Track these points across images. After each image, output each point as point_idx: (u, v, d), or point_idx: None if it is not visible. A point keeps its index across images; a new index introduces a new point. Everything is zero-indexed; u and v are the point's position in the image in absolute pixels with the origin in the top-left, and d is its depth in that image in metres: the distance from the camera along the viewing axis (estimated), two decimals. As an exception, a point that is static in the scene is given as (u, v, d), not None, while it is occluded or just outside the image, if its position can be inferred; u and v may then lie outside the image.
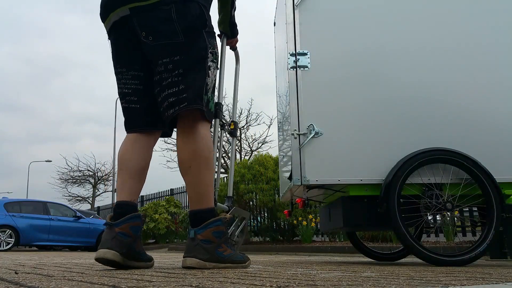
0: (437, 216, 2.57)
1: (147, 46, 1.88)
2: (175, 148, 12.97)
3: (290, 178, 2.73)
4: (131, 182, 1.91)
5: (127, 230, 1.79)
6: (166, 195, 15.02)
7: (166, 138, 13.02)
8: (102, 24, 2.04)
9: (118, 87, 2.03)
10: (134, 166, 1.93)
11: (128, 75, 1.97)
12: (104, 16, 1.97)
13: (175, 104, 1.83)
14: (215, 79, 2.00)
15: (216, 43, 2.01)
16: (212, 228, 1.84)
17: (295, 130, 2.65)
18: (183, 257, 1.83)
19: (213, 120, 2.14)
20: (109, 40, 2.03)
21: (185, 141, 1.87)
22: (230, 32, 2.39)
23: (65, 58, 61.18)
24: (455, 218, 2.66)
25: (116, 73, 2.02)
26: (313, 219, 7.78)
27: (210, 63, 1.92)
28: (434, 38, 2.81)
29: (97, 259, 1.75)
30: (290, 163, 2.74)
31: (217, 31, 2.27)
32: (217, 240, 1.84)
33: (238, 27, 2.42)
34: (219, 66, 2.11)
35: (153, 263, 2.00)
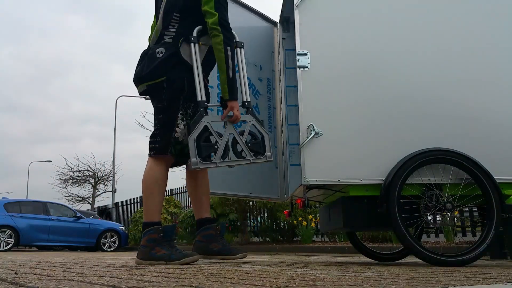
0: (437, 216, 2.56)
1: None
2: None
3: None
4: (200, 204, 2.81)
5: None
6: (166, 195, 15.01)
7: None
8: None
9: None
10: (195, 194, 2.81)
11: None
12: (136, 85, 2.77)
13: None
14: (183, 132, 2.58)
15: (191, 103, 2.59)
16: (146, 236, 2.50)
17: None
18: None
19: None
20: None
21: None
22: (229, 95, 2.60)
23: (66, 59, 61.21)
24: (455, 218, 2.66)
25: None
26: (313, 219, 7.78)
27: (179, 121, 2.57)
28: (434, 38, 2.81)
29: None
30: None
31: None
32: (150, 245, 2.46)
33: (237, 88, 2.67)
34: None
35: (238, 256, 2.79)
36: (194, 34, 2.60)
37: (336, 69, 2.75)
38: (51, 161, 32.05)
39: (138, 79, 2.66)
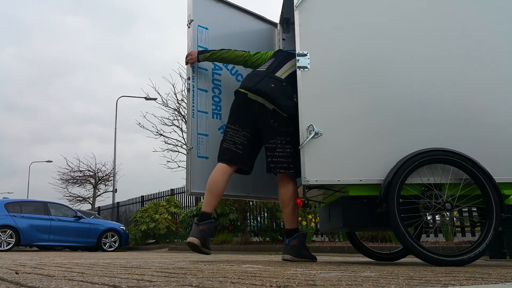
0: (437, 216, 2.57)
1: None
2: (175, 149, 13.00)
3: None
4: (214, 201, 2.97)
5: (206, 229, 2.89)
6: (167, 195, 15.02)
7: (166, 139, 13.09)
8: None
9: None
10: (218, 189, 2.98)
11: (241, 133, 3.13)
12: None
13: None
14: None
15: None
16: (298, 239, 3.02)
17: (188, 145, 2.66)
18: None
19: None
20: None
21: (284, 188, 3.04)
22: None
23: (67, 59, 61.28)
24: (454, 218, 2.66)
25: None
26: (313, 219, 7.78)
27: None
28: (434, 39, 2.82)
29: (187, 243, 2.87)
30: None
31: None
32: (299, 246, 3.02)
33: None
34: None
35: (210, 253, 2.99)
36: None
37: (336, 70, 2.76)
38: (51, 161, 32.10)
39: (269, 97, 2.96)
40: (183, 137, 12.86)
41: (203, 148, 3.38)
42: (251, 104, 3.01)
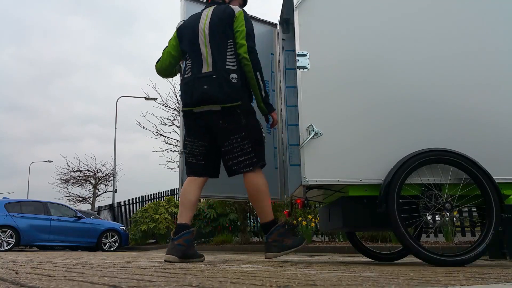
0: (436, 216, 2.57)
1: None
2: (175, 149, 13.01)
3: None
4: (187, 212, 2.89)
5: (182, 242, 2.77)
6: (167, 195, 15.02)
7: (166, 139, 13.11)
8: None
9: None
10: (191, 200, 2.90)
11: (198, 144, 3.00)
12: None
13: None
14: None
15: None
16: (276, 232, 2.87)
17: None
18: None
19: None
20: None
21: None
22: (266, 110, 3.06)
23: (68, 59, 61.31)
24: (454, 218, 2.66)
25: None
26: (313, 219, 7.78)
27: (264, 134, 3.01)
28: (434, 40, 2.82)
29: (165, 261, 2.76)
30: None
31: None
32: (280, 239, 2.86)
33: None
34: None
35: (204, 259, 2.95)
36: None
37: (336, 70, 2.76)
38: (51, 161, 32.10)
39: (211, 99, 2.81)
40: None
41: None
42: (200, 116, 2.89)
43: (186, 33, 3.03)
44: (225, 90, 2.79)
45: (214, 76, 2.82)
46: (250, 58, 2.88)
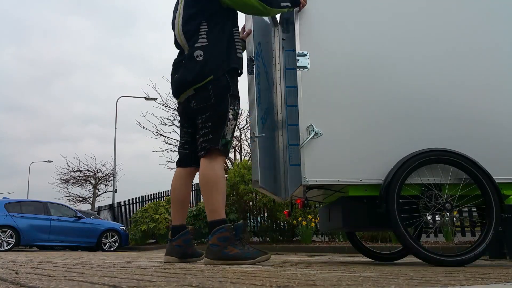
0: (436, 216, 2.57)
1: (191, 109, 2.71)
2: (175, 149, 12.97)
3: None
4: (179, 213, 2.82)
5: (180, 242, 2.74)
6: (167, 195, 15.01)
7: (166, 139, 13.08)
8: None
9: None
10: (179, 199, 2.82)
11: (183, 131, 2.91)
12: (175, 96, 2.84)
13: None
14: (231, 128, 2.70)
15: (235, 101, 2.71)
16: (217, 234, 2.45)
17: (253, 133, 2.75)
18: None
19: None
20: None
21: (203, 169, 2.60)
22: (293, 3, 2.77)
23: (68, 59, 61.33)
24: (454, 218, 2.66)
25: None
26: (313, 219, 7.78)
27: (230, 116, 2.65)
28: (434, 39, 2.82)
29: (164, 262, 2.69)
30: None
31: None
32: (222, 244, 2.42)
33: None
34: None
35: (203, 256, 2.61)
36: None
37: (336, 70, 2.76)
38: (51, 161, 32.09)
39: (182, 85, 2.68)
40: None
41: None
42: (182, 103, 2.79)
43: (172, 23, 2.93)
44: (191, 72, 2.62)
45: (183, 62, 2.71)
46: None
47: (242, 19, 3.05)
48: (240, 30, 2.98)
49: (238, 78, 2.82)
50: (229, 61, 2.67)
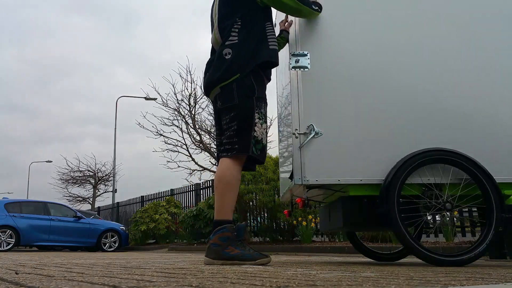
0: (437, 216, 2.57)
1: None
2: (175, 149, 12.98)
3: (291, 177, 2.74)
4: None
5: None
6: (167, 196, 15.02)
7: (166, 139, 13.07)
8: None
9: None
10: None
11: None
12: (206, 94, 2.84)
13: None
14: (264, 131, 2.64)
15: (262, 103, 2.65)
16: (219, 234, 2.44)
17: (296, 129, 2.66)
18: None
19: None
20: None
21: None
22: (320, 8, 2.81)
23: (69, 60, 61.38)
24: (455, 218, 2.65)
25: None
26: (313, 219, 7.78)
27: (257, 120, 2.59)
28: (435, 39, 2.82)
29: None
30: (290, 163, 2.75)
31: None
32: (223, 243, 2.41)
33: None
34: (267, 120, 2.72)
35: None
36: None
37: (336, 70, 2.76)
38: (51, 161, 32.10)
39: (211, 83, 2.70)
40: (182, 137, 12.88)
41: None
42: (214, 102, 2.81)
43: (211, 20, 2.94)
44: (218, 70, 2.64)
45: (215, 59, 2.72)
46: None
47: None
48: (281, 22, 3.04)
49: (271, 70, 2.79)
50: (259, 56, 2.63)
